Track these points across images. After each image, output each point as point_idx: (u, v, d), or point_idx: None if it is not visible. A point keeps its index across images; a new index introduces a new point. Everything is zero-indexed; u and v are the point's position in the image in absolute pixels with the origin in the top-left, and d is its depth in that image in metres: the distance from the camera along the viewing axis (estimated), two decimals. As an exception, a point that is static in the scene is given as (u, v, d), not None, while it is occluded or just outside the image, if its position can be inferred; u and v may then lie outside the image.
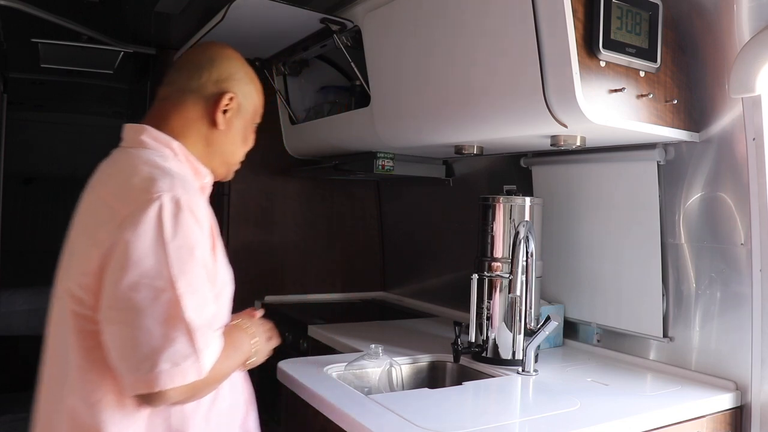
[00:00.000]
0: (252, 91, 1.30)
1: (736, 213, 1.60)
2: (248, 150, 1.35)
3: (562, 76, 1.40)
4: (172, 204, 1.04)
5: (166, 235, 1.02)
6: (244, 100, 1.28)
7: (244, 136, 1.31)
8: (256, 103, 1.32)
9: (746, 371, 1.56)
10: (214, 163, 1.27)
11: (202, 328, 1.03)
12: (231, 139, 1.28)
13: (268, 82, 2.71)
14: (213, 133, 1.25)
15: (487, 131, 1.75)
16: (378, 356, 1.73)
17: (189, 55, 1.30)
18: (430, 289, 2.83)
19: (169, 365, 0.99)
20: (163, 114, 1.23)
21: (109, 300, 1.02)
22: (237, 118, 1.27)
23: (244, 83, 1.28)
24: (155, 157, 1.16)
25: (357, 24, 2.09)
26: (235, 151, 1.30)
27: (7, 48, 3.21)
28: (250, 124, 1.33)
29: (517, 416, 1.45)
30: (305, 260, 3.06)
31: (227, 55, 1.29)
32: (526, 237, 1.72)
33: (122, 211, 1.04)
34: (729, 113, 1.59)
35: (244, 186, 2.94)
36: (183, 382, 1.00)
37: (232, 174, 1.35)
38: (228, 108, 1.24)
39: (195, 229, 1.06)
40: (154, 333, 0.99)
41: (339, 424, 1.36)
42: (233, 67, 1.28)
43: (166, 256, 1.01)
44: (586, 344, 1.99)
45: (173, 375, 0.99)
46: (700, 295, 1.69)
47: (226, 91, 1.24)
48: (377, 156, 2.32)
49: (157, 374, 0.98)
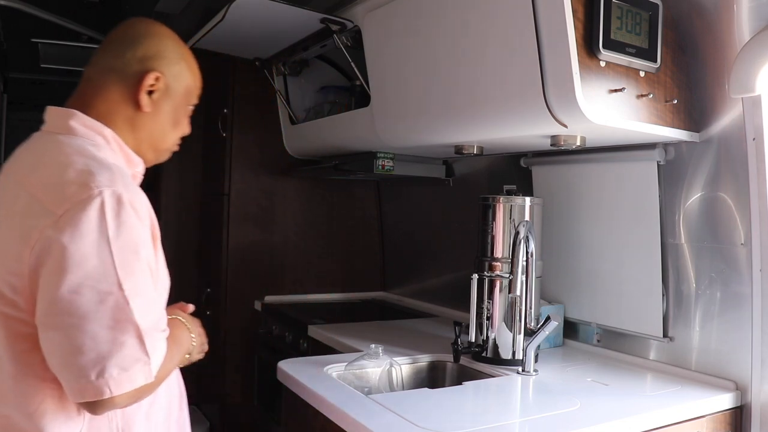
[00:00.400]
0: (183, 72, 1.19)
1: (736, 213, 1.60)
2: (183, 135, 1.25)
3: (562, 76, 1.40)
4: (114, 200, 0.97)
5: (109, 235, 0.95)
6: (173, 80, 1.17)
7: (175, 120, 1.21)
8: (188, 85, 1.21)
9: (746, 371, 1.56)
10: (143, 148, 1.18)
11: (150, 331, 0.98)
12: (159, 122, 1.17)
13: (268, 82, 2.71)
14: (139, 116, 1.15)
15: (487, 131, 1.75)
16: (378, 356, 1.73)
17: (115, 33, 1.19)
18: (430, 289, 2.83)
19: (117, 371, 0.93)
20: (86, 97, 1.14)
21: (48, 305, 0.95)
22: (165, 99, 1.17)
23: (173, 63, 1.17)
24: (88, 146, 1.07)
25: (357, 24, 2.09)
26: (164, 136, 1.20)
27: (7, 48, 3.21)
28: (182, 107, 1.22)
29: (517, 416, 1.45)
30: (305, 260, 3.06)
31: (155, 32, 1.18)
32: (526, 237, 1.72)
33: (57, 209, 0.95)
34: (729, 113, 1.59)
35: (244, 186, 2.94)
36: (132, 387, 0.95)
37: (166, 158, 1.26)
38: (154, 88, 1.14)
39: (138, 226, 1.00)
40: (101, 338, 0.93)
41: (339, 424, 1.36)
42: (161, 44, 1.17)
43: (111, 256, 0.95)
44: (586, 344, 1.99)
45: (122, 381, 0.94)
46: (700, 295, 1.69)
47: (151, 70, 1.13)
48: (377, 156, 2.32)
49: (106, 380, 0.93)
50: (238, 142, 2.94)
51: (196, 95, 1.25)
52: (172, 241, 3.24)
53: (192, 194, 3.28)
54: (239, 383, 2.94)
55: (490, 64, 1.59)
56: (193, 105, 1.25)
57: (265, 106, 2.91)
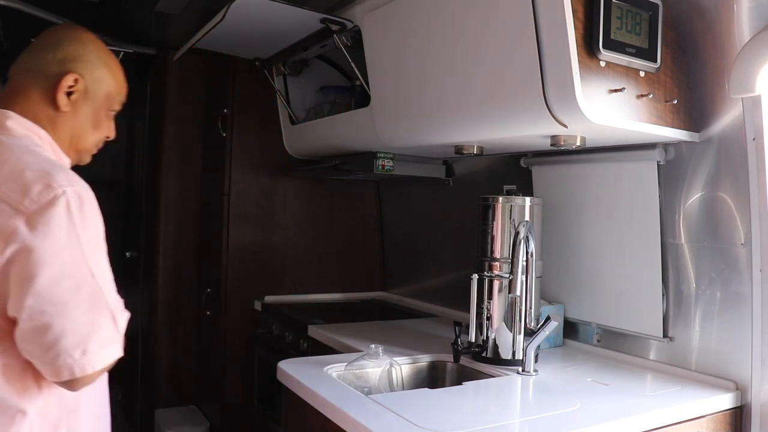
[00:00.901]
0: (105, 77, 1.25)
1: (736, 213, 1.60)
2: (105, 138, 1.30)
3: (562, 76, 1.40)
4: (76, 198, 1.05)
5: (78, 231, 1.04)
6: (93, 84, 1.22)
7: (95, 122, 1.26)
8: (110, 90, 1.26)
9: (746, 371, 1.56)
10: (64, 148, 1.23)
11: (119, 311, 1.10)
12: (79, 123, 1.23)
13: (268, 82, 2.71)
14: (58, 116, 1.20)
15: (487, 131, 1.75)
16: (378, 356, 1.73)
17: (41, 36, 1.24)
18: (430, 289, 2.83)
19: (97, 349, 1.05)
20: (8, 96, 1.19)
21: (28, 299, 1.00)
22: (84, 101, 1.22)
23: (94, 67, 1.22)
24: (31, 146, 1.13)
25: (357, 24, 2.09)
26: (84, 137, 1.25)
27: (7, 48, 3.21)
28: (103, 111, 1.27)
29: (517, 416, 1.45)
30: (305, 260, 3.06)
31: (78, 36, 1.23)
32: (526, 237, 1.72)
33: (23, 210, 1.01)
34: (729, 113, 1.59)
35: (244, 186, 2.94)
36: (108, 362, 1.08)
37: (87, 160, 1.30)
38: (73, 90, 1.19)
39: (98, 219, 1.09)
40: (82, 322, 1.04)
41: (339, 424, 1.36)
42: (83, 49, 1.22)
43: (81, 249, 1.04)
44: (586, 344, 1.99)
45: (101, 357, 1.06)
46: (700, 295, 1.69)
47: (69, 72, 1.19)
48: (377, 156, 2.32)
49: (88, 358, 1.04)
50: (238, 142, 2.94)
51: (119, 101, 1.31)
52: (172, 241, 3.24)
53: (192, 194, 3.28)
54: (239, 383, 2.93)
55: (490, 64, 1.59)
56: (115, 110, 1.30)
57: (265, 106, 2.91)
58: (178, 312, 3.25)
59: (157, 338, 3.23)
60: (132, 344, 3.50)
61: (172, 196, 3.24)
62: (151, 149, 3.40)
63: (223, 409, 2.94)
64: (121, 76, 1.30)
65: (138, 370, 3.49)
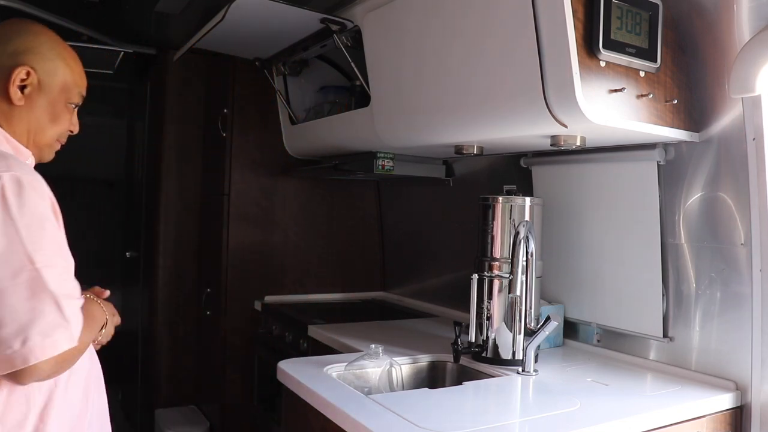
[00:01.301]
0: (59, 69, 1.22)
1: (736, 213, 1.60)
2: (68, 132, 1.29)
3: (562, 76, 1.40)
4: (14, 183, 1.03)
5: (13, 215, 1.01)
6: (47, 76, 1.20)
7: (52, 115, 1.23)
8: (66, 82, 1.23)
9: (746, 371, 1.56)
10: (23, 142, 1.21)
11: (67, 298, 1.04)
12: (35, 116, 1.21)
13: (268, 82, 2.71)
14: (13, 109, 1.18)
15: (487, 131, 1.75)
16: (378, 356, 1.73)
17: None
18: (430, 289, 2.83)
19: (40, 338, 0.99)
20: None
21: None
22: (39, 94, 1.20)
23: (47, 59, 1.20)
24: None
25: (357, 24, 2.09)
26: (42, 131, 1.23)
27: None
28: (61, 104, 1.24)
29: (517, 416, 1.45)
30: (305, 260, 3.06)
31: (30, 29, 1.21)
32: (526, 237, 1.72)
33: None
34: (729, 113, 1.59)
35: (244, 186, 2.94)
36: (56, 351, 1.01)
37: (50, 156, 1.28)
38: (26, 83, 1.18)
39: (40, 203, 1.05)
40: (20, 309, 1.00)
41: (339, 424, 1.36)
42: (36, 41, 1.20)
43: (18, 234, 1.01)
44: (586, 344, 1.99)
45: (46, 346, 1.00)
46: (700, 295, 1.69)
47: (21, 65, 1.17)
48: (377, 156, 2.32)
49: (30, 348, 0.99)
50: (238, 142, 2.94)
51: (78, 93, 1.27)
52: (172, 241, 3.24)
53: (192, 194, 3.29)
54: (239, 383, 2.94)
55: (490, 64, 1.59)
56: (74, 103, 1.27)
57: (265, 106, 2.91)
58: (178, 312, 3.26)
59: (157, 338, 3.23)
60: (132, 344, 3.50)
61: (172, 196, 3.24)
62: (151, 149, 3.40)
63: (223, 409, 2.94)
64: (77, 67, 1.27)
65: (138, 370, 3.49)
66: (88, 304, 1.17)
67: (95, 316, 1.19)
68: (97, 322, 1.20)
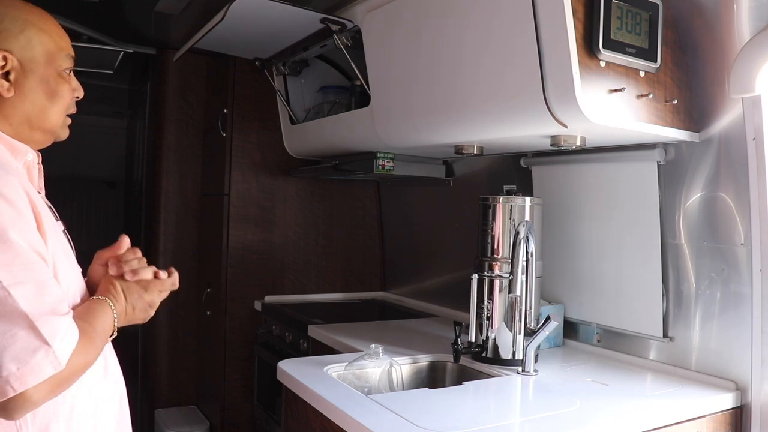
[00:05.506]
0: (33, 38, 1.06)
1: (736, 213, 1.60)
2: (73, 100, 1.14)
3: (562, 76, 1.40)
4: None
5: None
6: (25, 52, 1.04)
7: (49, 92, 1.08)
8: (48, 50, 1.07)
9: (746, 371, 1.56)
10: (25, 132, 1.07)
11: (45, 316, 0.90)
12: (31, 101, 1.06)
13: (268, 82, 2.71)
14: (4, 102, 1.04)
15: (487, 131, 1.75)
16: (378, 356, 1.73)
17: None
18: (430, 289, 2.83)
19: (16, 366, 0.86)
20: None
21: None
22: (26, 77, 1.05)
23: (15, 33, 1.03)
24: None
25: (357, 24, 2.09)
26: (44, 113, 1.09)
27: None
28: (52, 76, 1.09)
29: (517, 416, 1.45)
30: (305, 260, 3.06)
31: None
32: (526, 237, 1.72)
33: None
34: (729, 113, 1.59)
35: (244, 186, 2.95)
36: (38, 379, 0.87)
37: (65, 133, 1.15)
38: (6, 69, 1.03)
39: (4, 210, 0.91)
40: None
41: (339, 424, 1.36)
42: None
43: None
44: (586, 344, 1.99)
45: (24, 375, 0.86)
46: (700, 295, 1.69)
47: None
48: (377, 156, 2.32)
49: (5, 378, 0.85)
50: (238, 142, 2.94)
51: (65, 56, 1.11)
52: (172, 241, 3.24)
53: (192, 194, 3.29)
54: (239, 383, 2.94)
55: (490, 64, 1.59)
56: (66, 68, 1.11)
57: (265, 106, 2.91)
58: (178, 312, 3.26)
59: (157, 338, 3.23)
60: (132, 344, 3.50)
61: (172, 196, 3.24)
62: (151, 149, 3.40)
63: (223, 409, 2.94)
64: (52, 26, 1.10)
65: (138, 370, 3.49)
66: (93, 310, 1.04)
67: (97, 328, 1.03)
68: (105, 329, 1.05)
